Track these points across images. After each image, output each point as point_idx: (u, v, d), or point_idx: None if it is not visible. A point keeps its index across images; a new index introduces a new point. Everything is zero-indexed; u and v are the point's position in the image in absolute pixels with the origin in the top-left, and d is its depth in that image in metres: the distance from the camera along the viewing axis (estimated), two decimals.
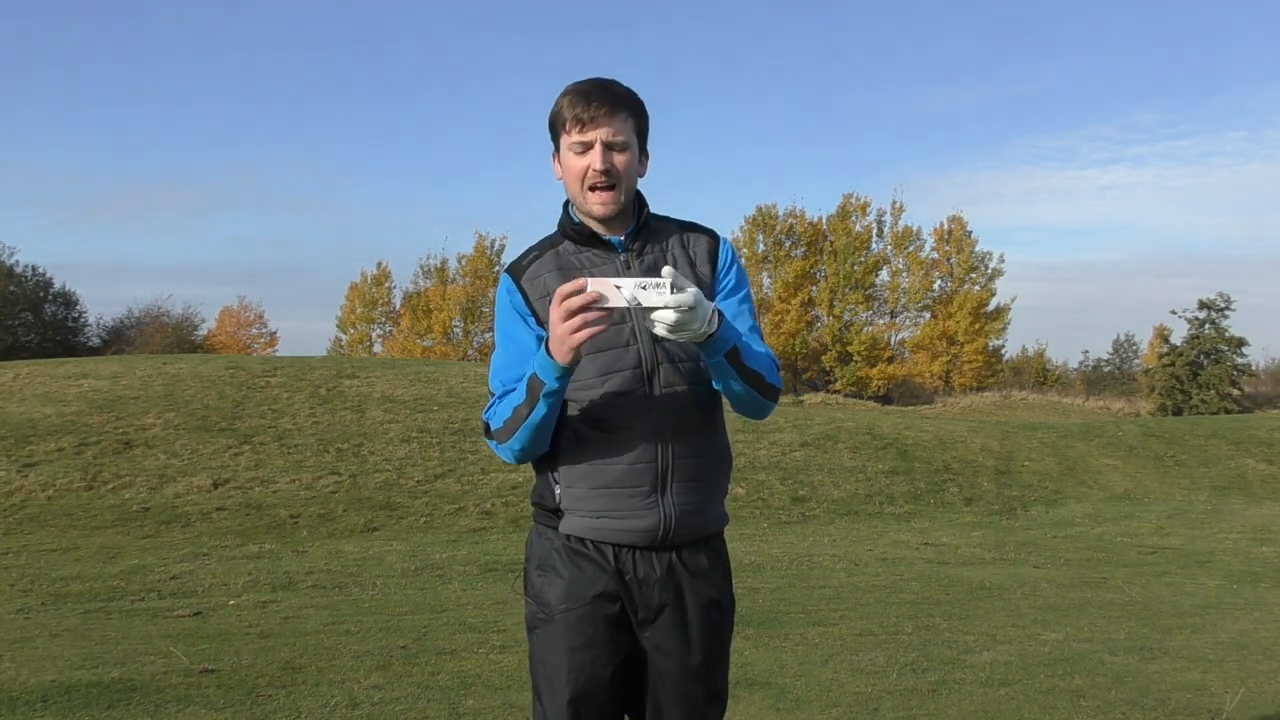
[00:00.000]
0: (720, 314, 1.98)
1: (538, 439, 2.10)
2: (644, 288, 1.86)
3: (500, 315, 2.21)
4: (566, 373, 1.99)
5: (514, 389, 2.12)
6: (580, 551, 2.15)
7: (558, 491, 2.18)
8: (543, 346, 2.00)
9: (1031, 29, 73.46)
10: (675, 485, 2.13)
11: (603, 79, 2.16)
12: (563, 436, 2.15)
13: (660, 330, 1.91)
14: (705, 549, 2.21)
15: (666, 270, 1.89)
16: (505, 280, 2.21)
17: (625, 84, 2.18)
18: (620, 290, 1.87)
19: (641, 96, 2.19)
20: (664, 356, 2.12)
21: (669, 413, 2.11)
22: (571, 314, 1.90)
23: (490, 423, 2.16)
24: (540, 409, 2.04)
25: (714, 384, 2.12)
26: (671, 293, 1.87)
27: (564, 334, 1.91)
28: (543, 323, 2.13)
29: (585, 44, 73.32)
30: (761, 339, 2.23)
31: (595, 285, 1.88)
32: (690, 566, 2.18)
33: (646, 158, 2.21)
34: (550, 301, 2.06)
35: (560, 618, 2.13)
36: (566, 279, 2.09)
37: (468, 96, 74.75)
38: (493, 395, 2.19)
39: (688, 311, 1.89)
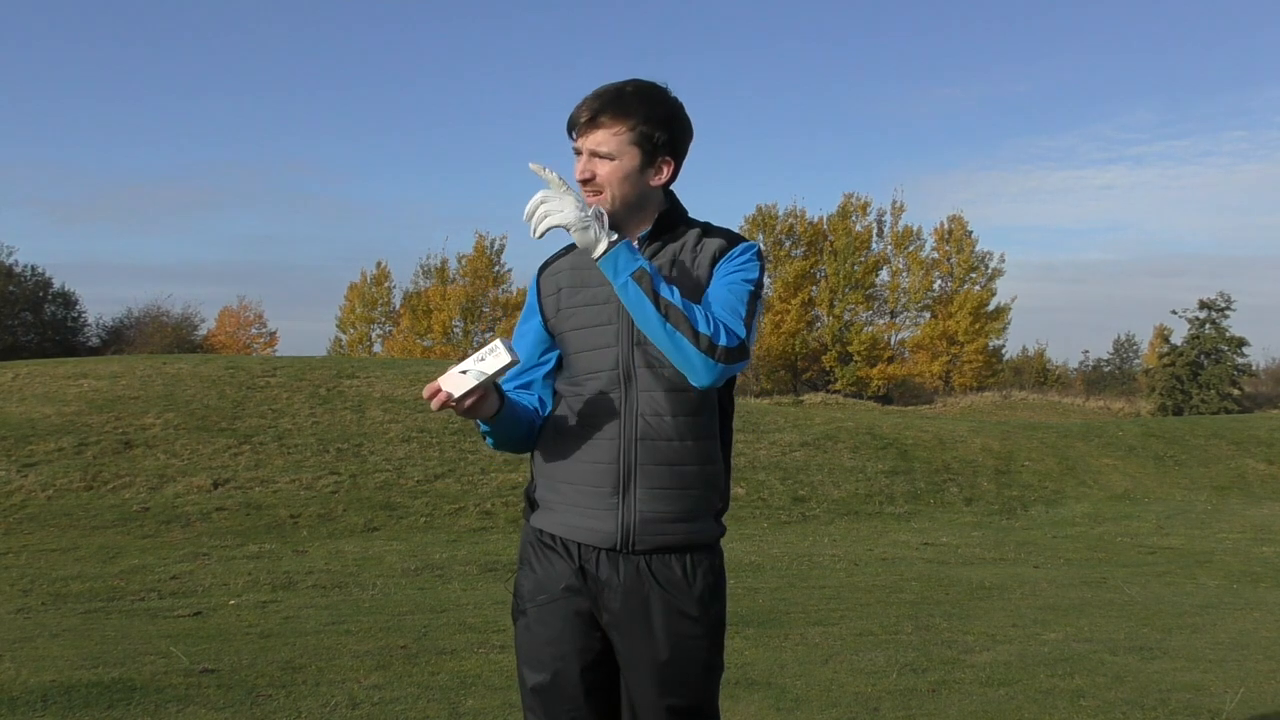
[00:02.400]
0: (623, 240, 2.02)
1: (500, 448, 2.24)
2: (482, 359, 2.06)
3: (524, 310, 2.34)
4: (489, 426, 2.15)
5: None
6: (550, 546, 2.17)
7: (536, 481, 2.25)
8: None
9: (1029, 28, 73.51)
10: (639, 491, 2.09)
11: (620, 83, 2.14)
12: (545, 430, 2.22)
13: (536, 232, 2.00)
14: (680, 560, 2.13)
15: (496, 341, 2.07)
16: (534, 276, 2.32)
17: (645, 86, 2.14)
18: (467, 375, 2.05)
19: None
20: (642, 360, 2.10)
21: (641, 417, 2.10)
22: (438, 407, 2.06)
23: None
24: (489, 440, 2.21)
25: (636, 321, 2.02)
26: (508, 352, 2.04)
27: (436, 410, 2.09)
28: (547, 320, 2.23)
29: (586, 42, 73.42)
30: (740, 321, 2.03)
31: (445, 383, 2.06)
32: (660, 576, 2.11)
33: (668, 164, 2.16)
34: (558, 299, 2.21)
35: (532, 610, 2.15)
36: (576, 279, 2.18)
37: (468, 96, 74.81)
38: None
39: (541, 205, 1.99)
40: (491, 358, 2.05)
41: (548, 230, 1.99)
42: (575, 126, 2.12)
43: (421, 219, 74.24)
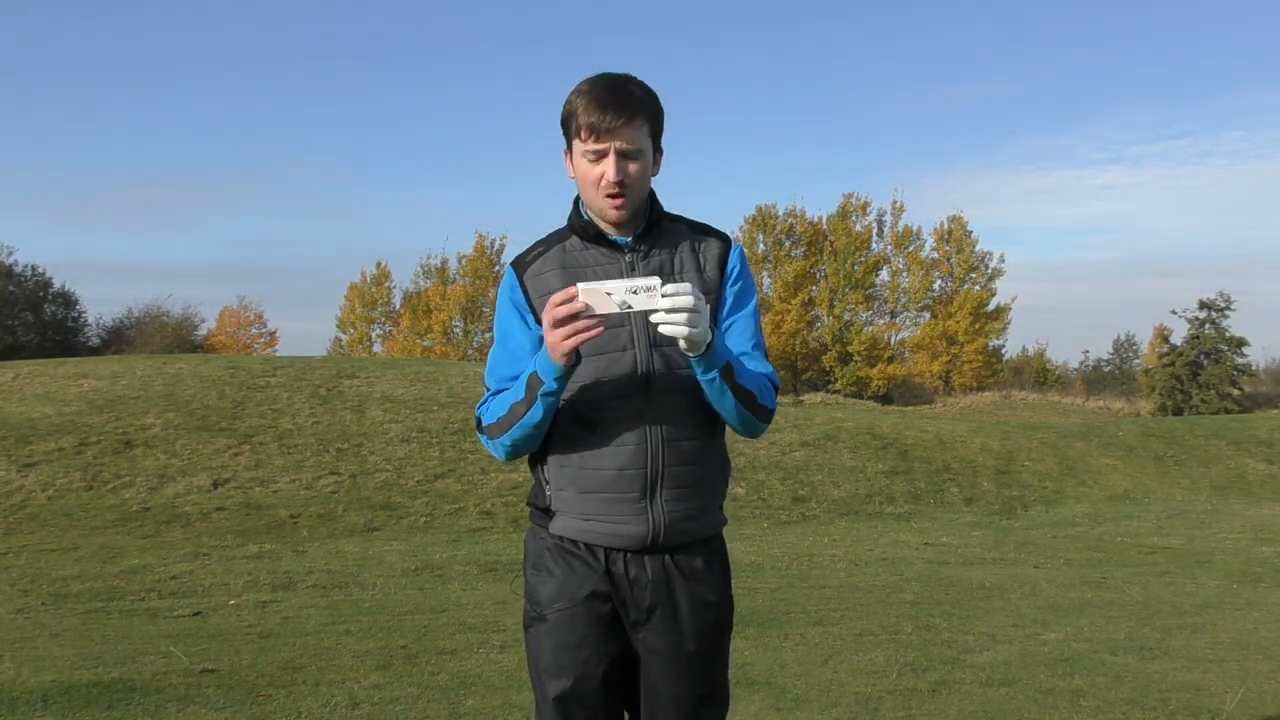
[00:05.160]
0: (715, 334, 1.98)
1: (531, 438, 2.11)
2: (635, 291, 1.86)
3: (500, 310, 2.20)
4: (565, 374, 1.99)
5: (508, 387, 2.12)
6: (571, 551, 2.15)
7: (548, 493, 2.18)
8: (543, 346, 1.99)
9: (1028, 29, 73.51)
10: (666, 493, 2.10)
11: (618, 79, 2.08)
12: (554, 438, 2.14)
13: (665, 330, 1.90)
14: (700, 551, 2.18)
15: (656, 280, 1.89)
16: (509, 275, 2.19)
17: (640, 80, 2.11)
18: (611, 296, 1.87)
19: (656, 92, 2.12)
20: (661, 363, 2.08)
21: (663, 420, 2.09)
22: (560, 322, 1.90)
23: (483, 418, 2.16)
24: (537, 409, 2.04)
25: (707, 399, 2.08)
26: (664, 294, 1.87)
27: (555, 341, 1.93)
28: (542, 323, 2.12)
29: (586, 42, 73.40)
30: (765, 357, 2.20)
31: (585, 294, 1.88)
32: (684, 568, 2.15)
33: (660, 155, 2.16)
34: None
35: (552, 617, 2.13)
36: (569, 279, 2.07)
37: (468, 96, 74.82)
38: (488, 390, 2.19)
39: (689, 313, 1.88)
40: (645, 296, 1.86)
41: (675, 335, 1.90)
42: (602, 128, 2.02)
43: (421, 219, 74.30)
